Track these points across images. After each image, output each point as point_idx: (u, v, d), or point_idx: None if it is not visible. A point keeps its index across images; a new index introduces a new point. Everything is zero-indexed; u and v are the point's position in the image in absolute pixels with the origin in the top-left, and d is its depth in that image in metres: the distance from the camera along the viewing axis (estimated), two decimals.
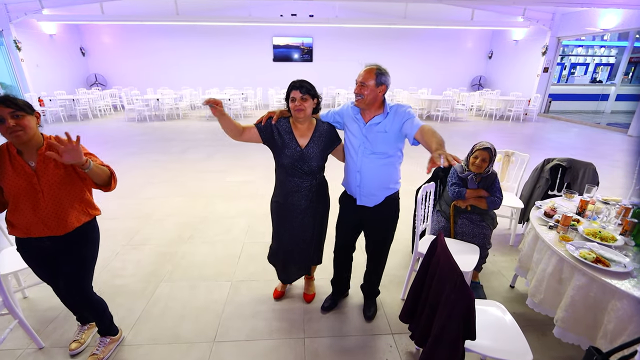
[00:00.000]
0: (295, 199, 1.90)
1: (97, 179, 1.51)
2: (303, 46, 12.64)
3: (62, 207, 1.53)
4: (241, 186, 4.43)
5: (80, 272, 1.66)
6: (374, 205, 1.86)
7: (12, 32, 9.46)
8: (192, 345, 1.93)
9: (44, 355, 1.87)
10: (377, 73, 1.66)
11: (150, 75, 12.76)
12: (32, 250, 1.61)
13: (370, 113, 1.75)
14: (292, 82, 1.76)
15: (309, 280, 2.35)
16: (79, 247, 1.63)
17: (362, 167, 1.79)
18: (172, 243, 3.01)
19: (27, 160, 1.47)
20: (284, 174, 1.89)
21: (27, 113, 1.40)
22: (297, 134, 1.83)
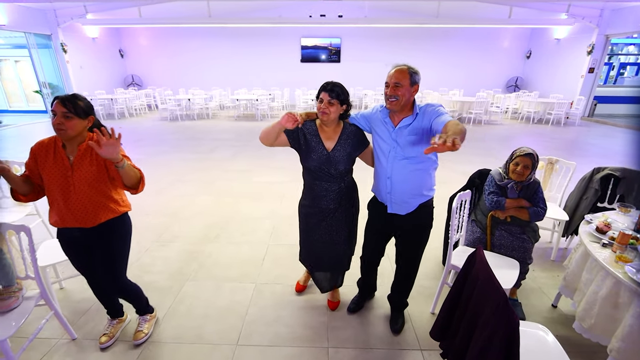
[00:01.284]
0: (323, 202, 1.87)
1: (127, 179, 1.56)
2: (331, 47, 12.60)
3: (89, 201, 1.59)
4: (267, 187, 4.44)
5: (113, 263, 1.75)
6: (406, 214, 1.76)
7: (60, 36, 10.14)
8: (215, 347, 1.92)
9: (76, 346, 1.93)
10: (410, 72, 1.58)
11: (182, 76, 13.22)
12: (66, 239, 1.71)
13: (399, 115, 1.67)
14: (325, 83, 1.72)
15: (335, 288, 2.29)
16: (108, 240, 1.71)
17: (392, 173, 1.70)
18: (199, 242, 3.05)
19: (68, 154, 1.56)
20: (312, 178, 1.86)
21: (79, 117, 1.50)
22: (324, 136, 1.79)
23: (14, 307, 1.69)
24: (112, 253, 1.73)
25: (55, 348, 1.92)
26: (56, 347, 1.93)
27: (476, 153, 6.24)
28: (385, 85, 1.61)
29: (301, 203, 2.00)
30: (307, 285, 2.41)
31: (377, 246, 2.02)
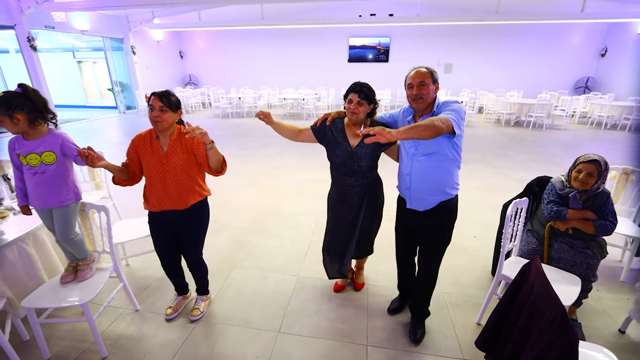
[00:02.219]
0: (347, 196, 1.95)
1: (213, 161, 1.77)
2: (379, 46, 12.40)
3: (183, 186, 1.82)
4: (310, 184, 4.54)
5: (197, 240, 2.01)
6: (424, 210, 1.76)
7: (130, 39, 11.23)
8: (259, 332, 2.03)
9: (139, 317, 2.16)
10: (430, 72, 1.63)
11: (234, 75, 13.92)
12: (159, 221, 1.92)
13: (421, 114, 1.70)
14: (353, 84, 1.79)
15: (359, 270, 2.41)
16: (196, 220, 1.95)
17: (412, 169, 1.73)
18: (246, 232, 3.22)
19: (162, 145, 1.78)
20: (337, 172, 1.97)
21: (172, 110, 1.71)
22: (349, 133, 1.87)
23: (89, 277, 1.93)
24: (196, 231, 1.98)
25: (122, 317, 2.17)
26: (122, 315, 2.18)
27: (535, 160, 5.78)
28: (408, 87, 1.65)
29: (329, 194, 2.11)
30: (345, 285, 2.43)
31: (405, 245, 2.02)
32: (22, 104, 1.60)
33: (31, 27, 8.15)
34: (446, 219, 1.78)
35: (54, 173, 1.75)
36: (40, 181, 1.73)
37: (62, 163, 1.77)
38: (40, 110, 1.68)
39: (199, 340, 1.97)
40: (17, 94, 1.60)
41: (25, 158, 1.69)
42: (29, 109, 1.63)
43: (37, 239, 2.00)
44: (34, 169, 1.71)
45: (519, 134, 8.10)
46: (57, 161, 1.74)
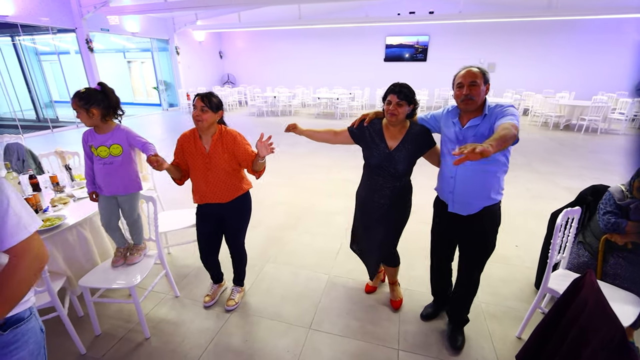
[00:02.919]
0: (376, 197, 1.91)
1: (257, 167, 1.90)
2: (418, 45, 12.06)
3: (224, 181, 1.92)
4: (343, 184, 4.53)
5: (240, 230, 2.12)
6: (467, 215, 1.69)
7: (175, 40, 11.85)
8: (291, 327, 2.06)
9: (179, 303, 2.28)
10: (483, 71, 1.54)
11: (270, 74, 14.24)
12: (205, 212, 2.05)
13: (468, 116, 1.62)
14: (392, 84, 1.74)
15: (393, 286, 2.27)
16: (239, 212, 2.06)
17: (457, 173, 1.66)
18: (280, 229, 3.28)
19: (204, 144, 1.87)
20: (370, 172, 1.93)
21: (212, 111, 1.80)
22: (388, 135, 1.82)
23: (137, 262, 2.08)
24: (239, 222, 2.09)
25: (163, 302, 2.30)
26: (164, 301, 2.31)
27: (587, 166, 5.35)
28: (458, 86, 1.57)
29: (358, 192, 2.08)
30: (377, 286, 2.41)
31: (442, 249, 1.96)
32: (99, 100, 1.78)
33: (89, 30, 8.87)
34: (490, 225, 1.71)
35: (120, 164, 1.92)
36: (109, 171, 1.91)
37: (128, 155, 1.94)
38: (113, 107, 1.85)
39: (233, 330, 2.05)
40: (96, 91, 1.79)
41: (97, 150, 1.87)
42: (104, 105, 1.80)
43: (93, 224, 2.18)
44: (103, 160, 1.88)
45: (569, 138, 7.53)
46: (123, 153, 1.91)
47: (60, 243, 1.96)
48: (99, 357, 1.86)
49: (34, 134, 8.18)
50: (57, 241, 1.94)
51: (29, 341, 1.02)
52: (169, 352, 1.89)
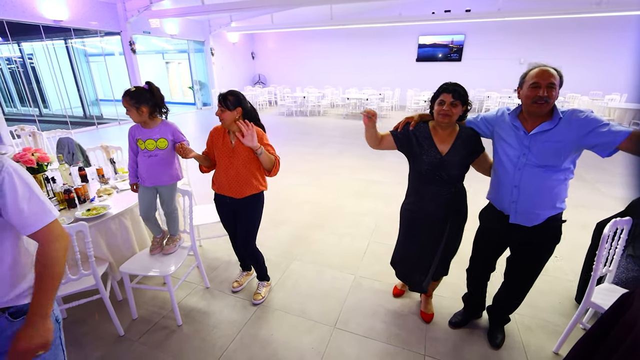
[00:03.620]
0: (431, 207, 1.78)
1: (264, 163, 1.92)
2: (452, 44, 11.69)
3: (242, 178, 1.98)
4: (371, 185, 4.49)
5: (249, 229, 2.13)
6: (532, 226, 1.58)
7: (210, 42, 12.29)
8: (315, 324, 2.08)
9: (209, 293, 2.37)
10: (560, 73, 1.42)
11: (300, 75, 14.41)
12: (220, 203, 2.14)
13: (535, 120, 1.49)
14: (445, 83, 1.63)
15: (427, 298, 2.18)
16: (249, 210, 2.08)
17: (521, 181, 1.54)
18: (305, 227, 3.31)
19: (231, 139, 1.96)
20: (420, 181, 1.80)
21: (229, 109, 1.85)
22: (437, 139, 1.71)
23: (172, 252, 2.18)
24: (249, 221, 2.10)
25: (194, 292, 2.40)
26: (195, 291, 2.41)
27: None
28: (532, 86, 1.42)
29: (405, 206, 1.94)
30: (405, 290, 2.37)
31: (488, 260, 1.86)
32: (147, 98, 1.91)
33: (132, 33, 9.42)
34: (554, 235, 1.60)
35: (164, 156, 2.04)
36: (153, 163, 2.03)
37: (171, 148, 2.06)
38: (159, 105, 1.98)
39: (260, 323, 2.10)
40: (144, 90, 1.91)
41: (144, 143, 1.99)
42: (152, 103, 1.93)
43: (133, 215, 2.31)
44: (149, 153, 2.00)
45: None
46: (168, 146, 2.03)
47: (104, 231, 2.11)
48: (136, 339, 1.98)
49: (81, 129, 8.81)
50: (101, 229, 2.08)
51: None
52: (199, 340, 1.97)
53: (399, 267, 2.09)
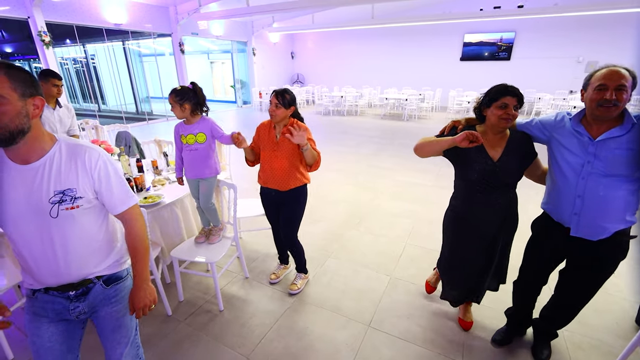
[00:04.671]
0: (483, 215, 1.70)
1: (307, 159, 1.98)
2: (501, 42, 11.03)
3: (286, 171, 2.06)
4: (409, 187, 4.41)
5: (293, 221, 2.22)
6: (597, 240, 1.45)
7: (252, 42, 12.70)
8: (349, 321, 2.10)
9: (248, 283, 2.48)
10: (633, 74, 1.30)
11: (338, 74, 14.43)
12: (265, 196, 2.24)
13: (600, 125, 1.37)
14: (504, 85, 1.54)
15: (467, 306, 2.09)
16: (293, 202, 2.17)
17: (585, 191, 1.42)
18: (342, 226, 3.34)
19: (276, 134, 2.05)
20: (469, 189, 1.71)
21: (284, 107, 1.95)
22: (488, 144, 1.62)
23: (216, 241, 2.31)
24: (293, 213, 2.20)
25: (234, 281, 2.52)
26: (235, 280, 2.53)
27: None
28: (599, 88, 1.31)
29: (451, 212, 1.85)
30: (437, 287, 2.31)
31: (541, 272, 1.73)
32: (190, 96, 2.05)
33: (182, 34, 10.01)
34: (620, 252, 1.48)
35: (203, 150, 2.17)
36: (194, 156, 2.17)
37: (210, 143, 2.18)
38: (200, 103, 2.11)
39: (296, 315, 2.16)
40: (189, 89, 2.06)
41: (186, 138, 2.14)
42: (194, 101, 2.06)
43: (183, 204, 2.48)
44: (190, 147, 2.15)
45: None
46: (206, 141, 2.15)
47: (158, 218, 2.28)
48: (182, 320, 2.13)
49: (134, 124, 9.53)
50: (156, 216, 2.26)
51: (125, 297, 1.24)
52: (238, 326, 2.07)
53: (448, 277, 2.00)
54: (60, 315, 1.15)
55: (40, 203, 0.99)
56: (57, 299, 1.13)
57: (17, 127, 0.91)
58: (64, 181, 1.02)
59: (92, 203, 1.09)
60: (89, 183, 1.06)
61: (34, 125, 0.97)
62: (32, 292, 1.13)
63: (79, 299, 1.14)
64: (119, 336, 1.22)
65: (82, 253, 1.10)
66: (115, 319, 1.21)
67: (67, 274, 1.08)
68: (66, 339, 1.17)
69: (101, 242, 1.15)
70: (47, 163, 1.00)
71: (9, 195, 0.97)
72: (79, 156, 1.04)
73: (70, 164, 1.03)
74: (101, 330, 1.22)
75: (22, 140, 0.94)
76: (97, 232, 1.14)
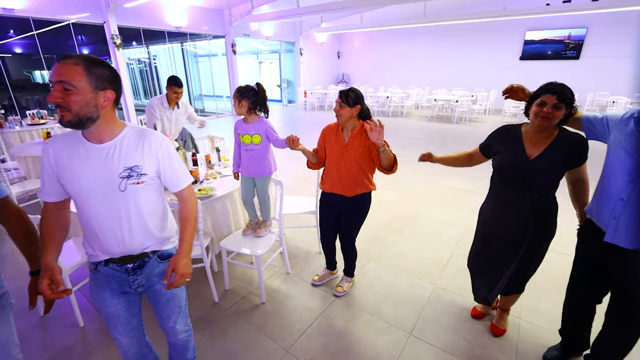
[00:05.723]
0: (507, 214, 1.66)
1: (384, 161, 1.91)
2: (569, 40, 10.03)
3: (353, 176, 2.02)
4: (456, 194, 4.20)
5: (354, 227, 2.20)
6: (635, 248, 1.32)
7: (300, 43, 12.93)
8: (390, 327, 2.05)
9: (289, 279, 2.53)
10: None
11: (384, 74, 14.17)
12: (328, 201, 2.19)
13: None
14: (550, 83, 1.48)
15: (502, 312, 2.01)
16: (357, 208, 2.14)
17: (630, 195, 1.31)
18: (384, 229, 3.28)
19: (344, 136, 2.02)
20: (500, 183, 1.71)
21: (349, 106, 1.91)
22: (527, 141, 1.58)
23: (263, 235, 2.38)
24: (355, 219, 2.17)
25: (277, 275, 2.59)
26: (277, 274, 2.60)
27: None
28: None
29: (482, 208, 1.88)
30: (486, 313, 2.15)
31: (588, 288, 1.60)
32: (250, 95, 2.13)
33: (235, 36, 10.48)
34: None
35: (258, 151, 2.24)
36: (249, 156, 2.26)
37: (265, 144, 2.25)
38: (259, 103, 2.18)
39: (336, 315, 2.16)
40: (251, 88, 2.15)
41: (243, 137, 2.23)
42: (253, 100, 2.14)
43: (233, 198, 2.60)
44: (246, 146, 2.24)
45: None
46: (262, 142, 2.22)
47: (210, 209, 2.41)
48: (227, 307, 2.23)
49: None
50: (208, 207, 2.39)
51: None
52: (280, 320, 2.12)
53: (472, 265, 2.01)
54: (121, 288, 1.27)
55: (111, 177, 1.11)
56: (117, 272, 1.24)
57: (86, 115, 1.03)
58: (132, 159, 1.13)
59: (154, 181, 1.21)
60: (154, 162, 1.18)
61: (103, 114, 1.08)
62: (95, 266, 1.26)
63: (135, 272, 1.26)
64: (173, 306, 1.35)
65: (142, 225, 1.21)
66: (169, 291, 1.32)
67: (130, 243, 1.20)
68: (129, 307, 1.32)
69: (158, 217, 1.27)
70: (117, 143, 1.12)
71: (84, 169, 1.10)
72: (146, 139, 1.16)
73: (137, 145, 1.15)
74: (156, 302, 1.34)
75: (93, 125, 1.06)
76: (155, 208, 1.25)
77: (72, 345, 1.95)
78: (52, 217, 1.19)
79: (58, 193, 1.17)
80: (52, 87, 0.99)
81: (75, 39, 7.72)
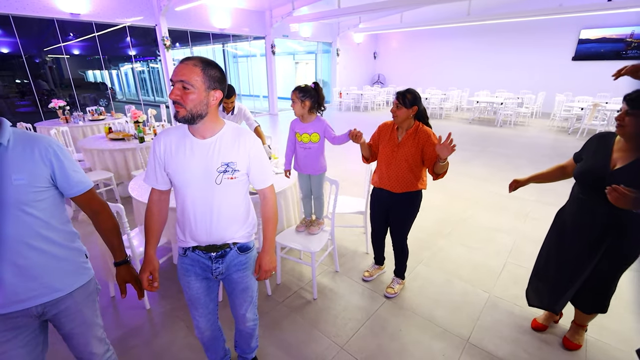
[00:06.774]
0: (583, 220, 1.58)
1: (438, 169, 1.93)
2: (631, 39, 9.22)
3: (403, 173, 2.05)
4: (507, 200, 4.01)
5: (402, 225, 2.22)
6: None
7: (337, 43, 12.95)
8: (445, 333, 2.02)
9: (338, 277, 2.57)
10: None
11: (421, 75, 13.83)
12: (377, 196, 2.25)
13: None
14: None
15: (578, 328, 1.90)
16: (405, 206, 2.16)
17: None
18: (432, 233, 3.22)
19: (398, 135, 2.06)
20: (578, 189, 1.66)
21: (405, 107, 1.94)
22: (617, 150, 1.47)
23: (316, 233, 2.43)
24: (403, 217, 2.19)
25: (325, 273, 2.63)
26: (326, 272, 2.64)
27: None
28: None
29: (560, 210, 1.82)
30: (549, 326, 2.05)
31: None
32: (311, 95, 2.18)
33: (274, 37, 10.72)
34: None
35: (316, 149, 2.30)
36: (307, 154, 2.32)
37: (322, 142, 2.31)
38: (319, 103, 2.23)
39: (388, 316, 2.16)
40: (311, 88, 2.20)
41: (301, 136, 2.29)
42: (314, 100, 2.18)
43: (285, 195, 2.66)
44: (304, 145, 2.30)
45: None
46: (320, 141, 2.27)
47: None
48: (280, 301, 2.30)
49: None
50: None
51: (251, 263, 1.44)
52: (332, 317, 2.16)
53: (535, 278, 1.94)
54: (204, 274, 1.38)
55: (210, 171, 1.21)
56: (202, 259, 1.35)
57: (198, 111, 1.12)
58: (229, 155, 1.22)
59: (244, 177, 1.29)
60: (246, 160, 1.26)
61: (210, 112, 1.17)
62: (184, 251, 1.36)
63: (217, 260, 1.35)
64: (246, 295, 1.46)
65: (228, 217, 1.30)
66: (244, 282, 1.43)
67: (216, 233, 1.29)
68: (209, 292, 1.44)
69: (242, 212, 1.35)
70: (217, 140, 1.21)
71: (189, 162, 1.20)
72: (241, 137, 1.25)
73: (234, 143, 1.23)
74: (232, 290, 1.45)
75: (201, 121, 1.16)
76: (241, 203, 1.34)
77: (140, 326, 2.11)
78: (156, 209, 1.32)
79: (165, 182, 1.29)
80: (172, 86, 1.09)
81: (130, 40, 8.29)
